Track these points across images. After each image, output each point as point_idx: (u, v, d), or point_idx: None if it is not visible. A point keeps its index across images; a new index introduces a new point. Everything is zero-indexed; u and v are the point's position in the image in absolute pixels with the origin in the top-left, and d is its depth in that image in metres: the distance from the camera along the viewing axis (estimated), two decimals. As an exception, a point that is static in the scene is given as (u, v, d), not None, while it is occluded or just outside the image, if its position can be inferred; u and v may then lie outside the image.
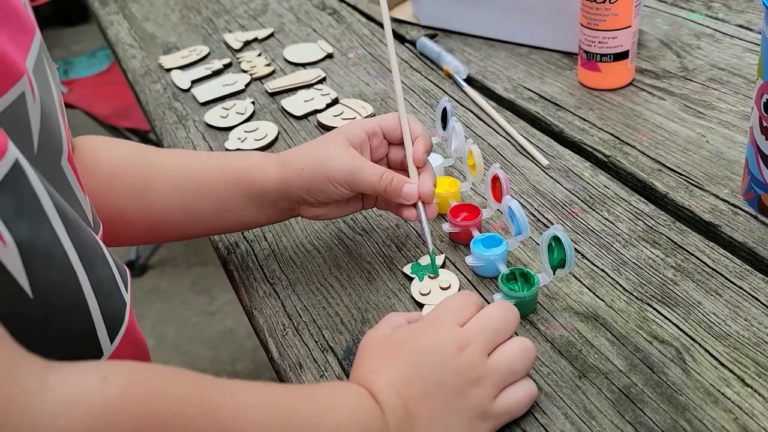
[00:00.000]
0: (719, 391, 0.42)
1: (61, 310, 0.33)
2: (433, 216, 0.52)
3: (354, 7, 1.02)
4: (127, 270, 0.42)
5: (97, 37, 1.32)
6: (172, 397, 0.31)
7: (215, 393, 0.33)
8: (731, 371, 0.43)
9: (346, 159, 0.49)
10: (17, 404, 0.25)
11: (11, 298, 0.30)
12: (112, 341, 0.37)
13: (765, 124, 0.51)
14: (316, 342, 0.49)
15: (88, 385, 0.28)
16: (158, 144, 0.79)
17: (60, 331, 0.33)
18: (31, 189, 0.31)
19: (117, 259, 0.40)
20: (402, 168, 0.52)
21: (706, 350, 0.44)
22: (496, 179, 0.53)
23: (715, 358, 0.44)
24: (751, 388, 0.42)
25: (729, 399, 0.41)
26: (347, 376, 0.46)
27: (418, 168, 0.51)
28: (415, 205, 0.51)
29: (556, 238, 0.46)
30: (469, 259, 0.52)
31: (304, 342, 0.49)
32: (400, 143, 0.52)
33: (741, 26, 0.83)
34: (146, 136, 1.85)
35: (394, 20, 0.95)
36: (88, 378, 0.28)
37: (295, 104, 0.77)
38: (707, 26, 0.84)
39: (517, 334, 0.46)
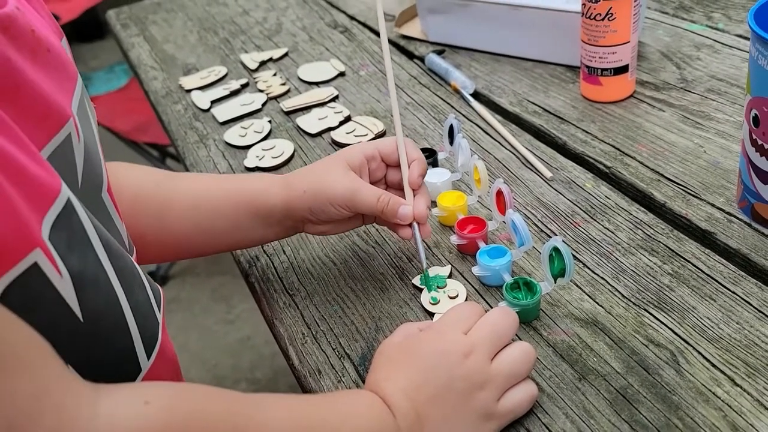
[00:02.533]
0: (710, 390, 0.44)
1: (106, 332, 0.37)
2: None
3: (364, 24, 1.05)
4: (161, 290, 0.46)
5: (114, 52, 1.37)
6: (208, 414, 0.34)
7: (245, 408, 0.37)
8: (722, 372, 0.46)
9: (346, 182, 0.52)
10: (74, 426, 0.29)
11: (66, 323, 0.34)
12: (148, 358, 0.41)
13: (754, 137, 0.54)
14: (333, 349, 0.52)
15: (133, 408, 0.32)
16: (180, 161, 0.84)
17: (105, 350, 0.37)
18: (80, 223, 0.35)
19: (151, 281, 0.44)
20: (399, 188, 0.56)
21: (699, 353, 0.47)
22: (500, 193, 0.57)
23: (708, 360, 0.47)
24: (741, 387, 0.44)
25: (719, 398, 0.44)
26: (363, 381, 0.49)
27: (413, 190, 0.54)
28: (410, 225, 0.54)
29: (556, 249, 0.49)
30: (475, 270, 0.55)
31: (322, 349, 0.53)
32: (398, 166, 0.55)
33: (740, 36, 0.85)
34: (165, 150, 1.90)
35: (404, 37, 0.99)
36: (133, 402, 0.32)
37: (310, 122, 0.81)
38: (707, 37, 0.86)
39: (519, 338, 0.50)
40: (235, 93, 0.90)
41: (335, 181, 0.53)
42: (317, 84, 0.90)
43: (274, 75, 0.93)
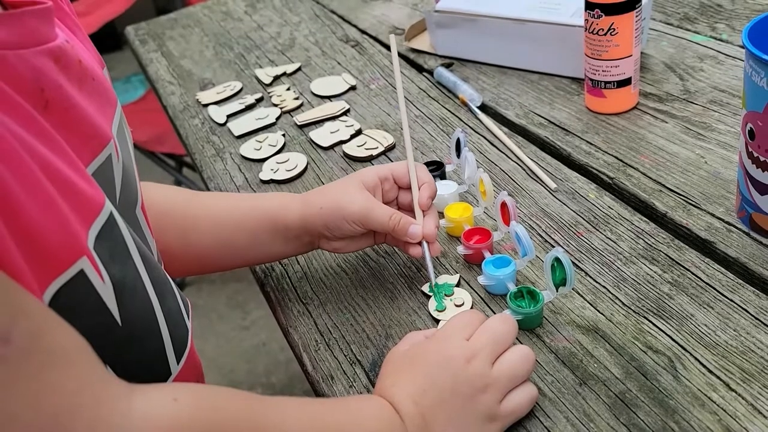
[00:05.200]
0: (706, 395, 0.46)
1: (141, 336, 0.40)
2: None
3: (375, 39, 1.08)
4: (189, 301, 0.49)
5: (130, 62, 1.41)
6: (230, 412, 0.37)
7: (264, 409, 0.39)
8: (718, 377, 0.47)
9: (360, 200, 0.55)
10: (111, 419, 0.32)
11: (107, 326, 0.37)
12: (178, 363, 0.44)
13: (750, 149, 0.56)
14: (345, 356, 0.55)
15: (163, 404, 0.35)
16: (197, 171, 0.87)
17: (140, 354, 0.40)
18: (121, 235, 0.38)
19: (181, 292, 0.47)
20: (410, 210, 0.58)
21: (696, 359, 0.49)
22: (504, 205, 0.59)
23: (704, 366, 0.48)
24: (736, 392, 0.46)
25: (715, 402, 0.46)
26: (373, 386, 0.51)
27: (423, 211, 0.57)
28: (420, 244, 0.56)
29: (557, 260, 0.51)
30: (481, 279, 0.57)
31: (334, 356, 0.55)
32: (410, 188, 0.59)
33: (743, 46, 0.87)
34: (182, 160, 1.94)
35: (413, 50, 1.02)
36: (163, 399, 0.35)
37: (322, 136, 0.84)
38: (711, 48, 0.88)
39: (520, 342, 0.52)
40: (250, 107, 0.93)
41: (350, 199, 0.56)
42: (329, 98, 0.93)
43: (288, 89, 0.96)
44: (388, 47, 1.05)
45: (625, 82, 0.77)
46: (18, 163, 0.31)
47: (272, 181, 0.78)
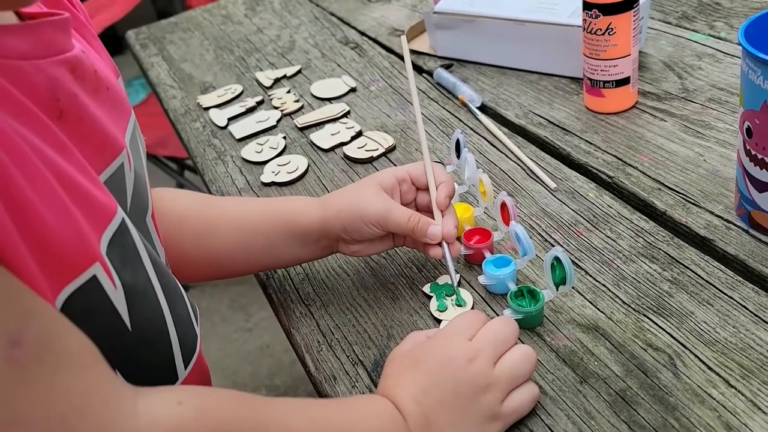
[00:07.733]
0: (706, 392, 0.47)
1: (151, 341, 0.41)
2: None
3: (375, 40, 1.09)
4: (197, 307, 0.50)
5: (131, 66, 1.42)
6: (234, 414, 0.38)
7: (267, 410, 0.40)
8: (718, 374, 0.48)
9: (379, 202, 0.55)
10: (117, 422, 0.32)
11: (117, 330, 0.37)
12: (185, 368, 0.44)
13: (748, 147, 0.56)
14: (347, 356, 0.55)
15: (168, 407, 0.35)
16: (198, 174, 0.87)
17: (148, 358, 0.41)
18: (133, 241, 0.39)
19: (190, 298, 0.48)
20: (428, 211, 0.58)
21: (696, 356, 0.49)
22: (504, 205, 0.59)
23: (704, 363, 0.49)
24: (735, 389, 0.47)
25: (714, 399, 0.46)
26: (375, 386, 0.52)
27: (441, 211, 0.57)
28: (440, 245, 0.56)
29: (557, 259, 0.52)
30: (481, 279, 0.58)
31: (336, 357, 0.55)
32: (427, 189, 0.58)
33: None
34: (183, 163, 1.95)
35: (413, 52, 1.02)
36: (168, 402, 0.36)
37: (323, 138, 0.84)
38: (709, 46, 0.88)
39: (521, 341, 0.52)
40: (250, 110, 0.94)
41: (369, 201, 0.56)
42: (329, 100, 0.93)
43: (288, 92, 0.97)
44: (387, 48, 1.05)
45: (624, 82, 0.77)
46: (32, 170, 0.32)
47: (273, 183, 0.78)
